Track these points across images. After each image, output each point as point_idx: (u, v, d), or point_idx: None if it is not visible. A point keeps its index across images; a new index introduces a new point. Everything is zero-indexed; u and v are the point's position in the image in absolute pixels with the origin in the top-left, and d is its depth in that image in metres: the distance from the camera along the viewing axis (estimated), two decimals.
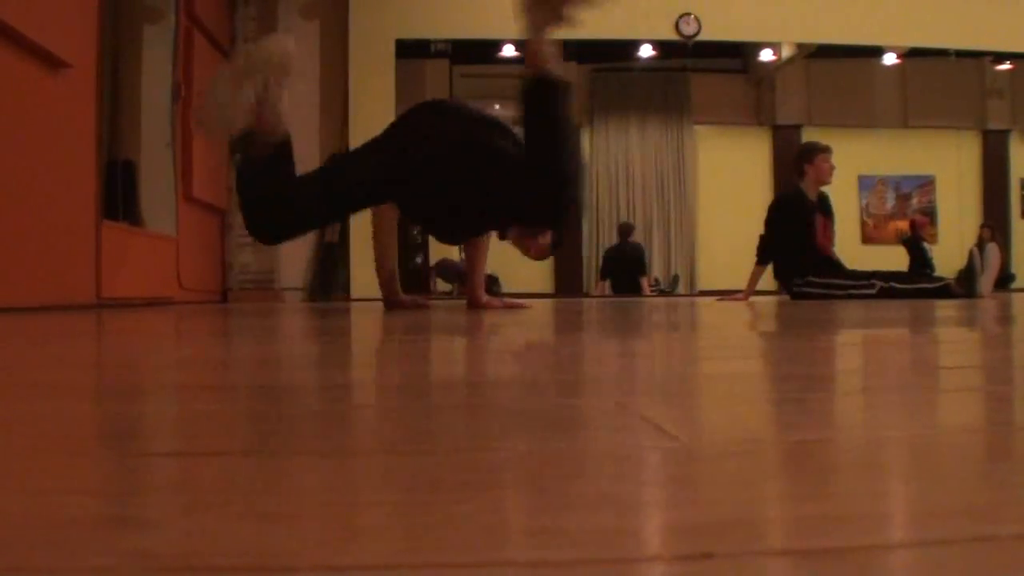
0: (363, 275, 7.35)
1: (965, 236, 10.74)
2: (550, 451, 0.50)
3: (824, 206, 5.46)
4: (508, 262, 9.72)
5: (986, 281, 5.19)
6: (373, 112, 7.50)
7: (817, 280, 5.14)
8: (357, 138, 7.49)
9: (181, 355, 1.37)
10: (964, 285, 5.08)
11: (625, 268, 9.14)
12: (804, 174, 5.40)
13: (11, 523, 0.35)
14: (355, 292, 7.30)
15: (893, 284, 5.07)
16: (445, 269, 9.56)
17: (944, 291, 5.05)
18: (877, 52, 10.20)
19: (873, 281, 5.09)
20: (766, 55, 10.40)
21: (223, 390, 0.86)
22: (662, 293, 10.11)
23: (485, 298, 3.64)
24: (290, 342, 1.71)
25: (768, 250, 5.36)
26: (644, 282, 9.20)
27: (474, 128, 3.06)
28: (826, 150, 5.41)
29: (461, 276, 8.10)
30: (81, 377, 1.00)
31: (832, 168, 5.44)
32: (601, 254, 10.15)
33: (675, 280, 11.09)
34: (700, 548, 0.31)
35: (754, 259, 5.42)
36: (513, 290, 9.80)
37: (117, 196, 4.96)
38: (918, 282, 5.29)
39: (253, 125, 2.75)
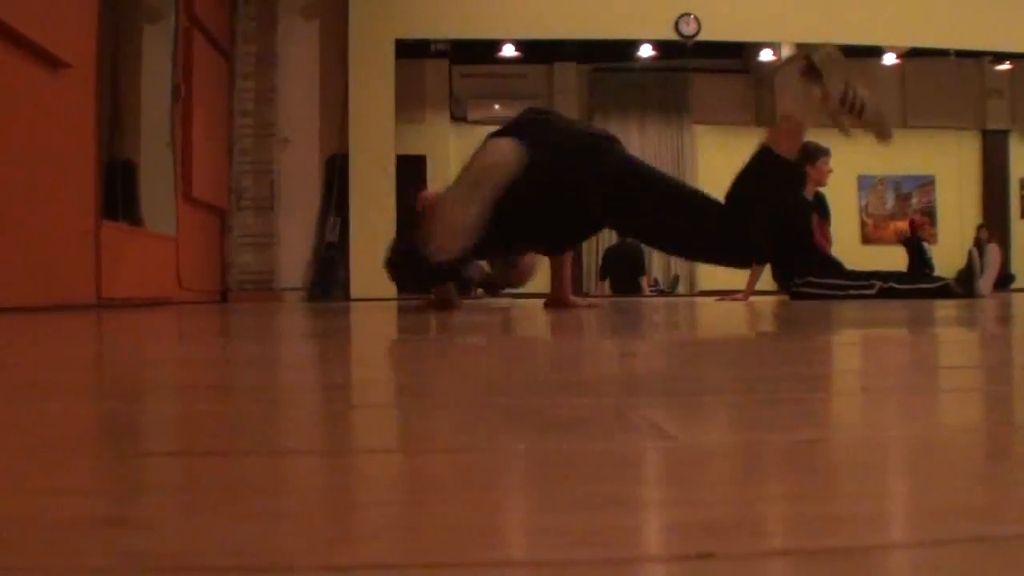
0: (363, 275, 7.35)
1: (965, 236, 10.74)
2: (550, 451, 0.50)
3: (821, 206, 5.47)
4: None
5: (986, 281, 5.18)
6: (373, 112, 7.50)
7: (816, 280, 5.14)
8: (357, 138, 7.51)
9: (181, 355, 1.37)
10: (963, 285, 5.08)
11: (624, 267, 9.13)
12: (805, 174, 5.40)
13: (11, 523, 0.35)
14: (355, 292, 7.30)
15: (892, 284, 5.07)
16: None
17: (944, 291, 5.05)
18: (877, 52, 10.19)
19: (872, 281, 5.09)
20: (766, 55, 10.39)
21: (223, 390, 0.86)
22: (662, 293, 10.11)
23: (572, 298, 3.70)
24: (290, 342, 1.71)
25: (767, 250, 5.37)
26: (643, 282, 9.19)
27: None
28: (827, 152, 5.42)
29: (474, 283, 8.12)
30: (81, 377, 1.00)
31: (830, 171, 5.45)
32: (600, 254, 10.15)
33: (675, 280, 11.08)
34: (700, 548, 0.31)
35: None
36: (511, 289, 9.78)
37: (117, 196, 4.96)
38: (918, 282, 5.29)
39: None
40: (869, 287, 5.05)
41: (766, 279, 5.58)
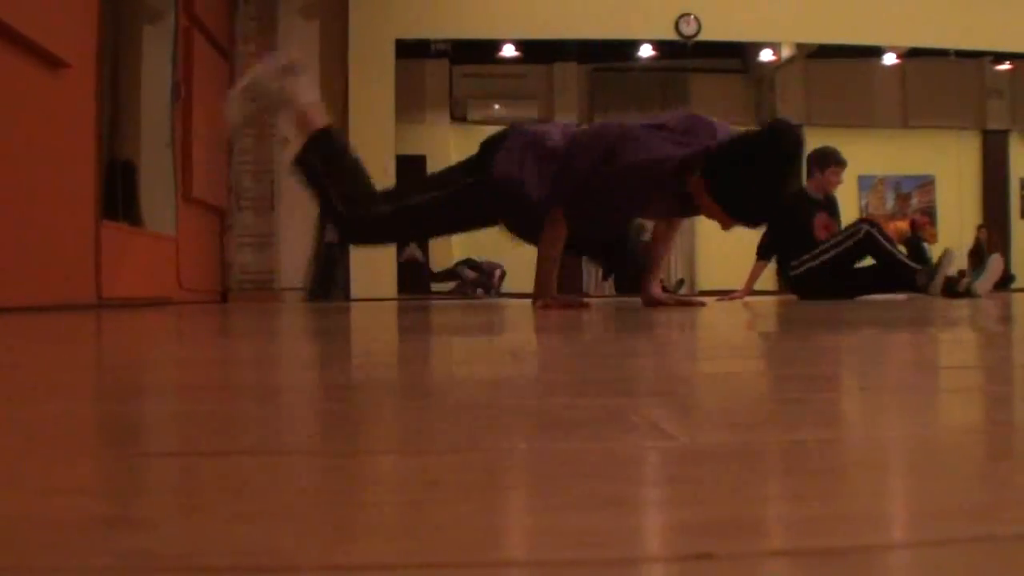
0: (363, 275, 7.35)
1: (965, 236, 10.75)
2: (550, 451, 0.50)
3: (831, 207, 5.48)
4: (508, 262, 9.73)
5: (985, 283, 5.18)
6: (373, 112, 7.50)
7: (808, 255, 5.16)
8: (357, 138, 7.50)
9: (181, 355, 1.37)
10: (925, 276, 5.00)
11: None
12: (811, 176, 5.41)
13: (11, 523, 0.35)
14: (355, 292, 7.30)
15: (877, 233, 5.06)
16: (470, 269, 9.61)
17: (910, 279, 4.99)
18: (877, 52, 10.20)
19: (860, 226, 5.13)
20: (766, 55, 10.39)
21: (223, 390, 0.86)
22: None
23: (548, 299, 3.54)
24: (290, 342, 1.71)
25: (769, 246, 5.37)
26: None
27: None
28: (838, 163, 5.43)
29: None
30: (81, 377, 1.00)
31: (839, 183, 5.48)
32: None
33: (679, 283, 11.07)
34: (700, 548, 0.31)
35: (754, 257, 5.44)
36: (512, 290, 9.78)
37: (117, 196, 4.96)
38: (900, 256, 5.24)
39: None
40: (856, 232, 5.09)
41: (768, 278, 5.58)
